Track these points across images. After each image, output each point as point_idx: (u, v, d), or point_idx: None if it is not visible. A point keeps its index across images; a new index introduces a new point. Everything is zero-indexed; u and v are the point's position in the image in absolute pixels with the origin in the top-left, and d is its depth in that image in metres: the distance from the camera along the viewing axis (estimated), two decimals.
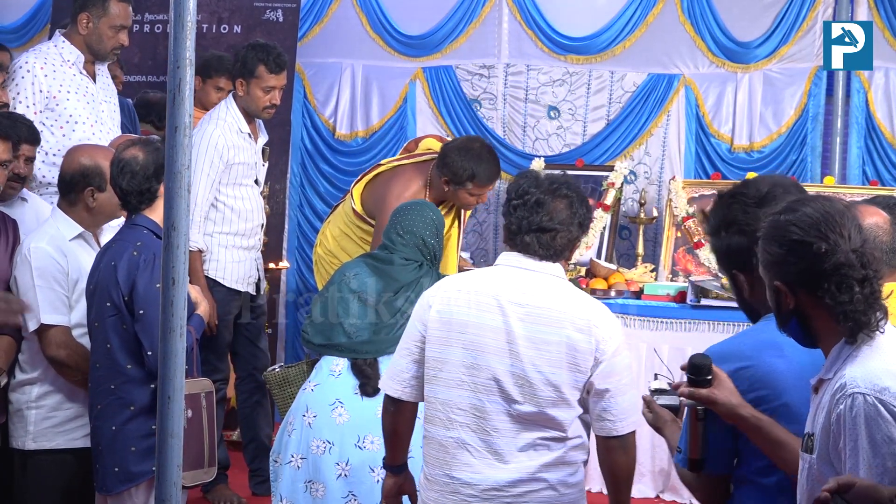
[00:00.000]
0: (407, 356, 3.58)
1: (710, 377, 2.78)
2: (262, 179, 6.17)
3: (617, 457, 3.53)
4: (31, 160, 4.82)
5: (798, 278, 2.60)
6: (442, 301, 3.52)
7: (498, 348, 3.44)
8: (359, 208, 5.82)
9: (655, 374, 3.28)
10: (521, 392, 3.42)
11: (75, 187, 4.42)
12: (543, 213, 3.49)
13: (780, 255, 2.62)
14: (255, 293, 6.12)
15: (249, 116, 5.97)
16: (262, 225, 6.15)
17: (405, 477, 3.78)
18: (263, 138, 6.14)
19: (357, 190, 5.87)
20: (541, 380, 3.41)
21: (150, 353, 4.06)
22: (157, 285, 4.01)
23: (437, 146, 5.94)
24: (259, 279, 6.16)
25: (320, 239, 6.07)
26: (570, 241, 3.53)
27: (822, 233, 2.57)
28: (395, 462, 3.76)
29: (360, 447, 4.51)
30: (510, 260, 3.55)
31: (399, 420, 3.66)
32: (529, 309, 3.45)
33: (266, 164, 6.23)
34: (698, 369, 2.79)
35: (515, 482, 3.44)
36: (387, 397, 3.65)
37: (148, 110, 6.75)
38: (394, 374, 3.62)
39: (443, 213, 5.85)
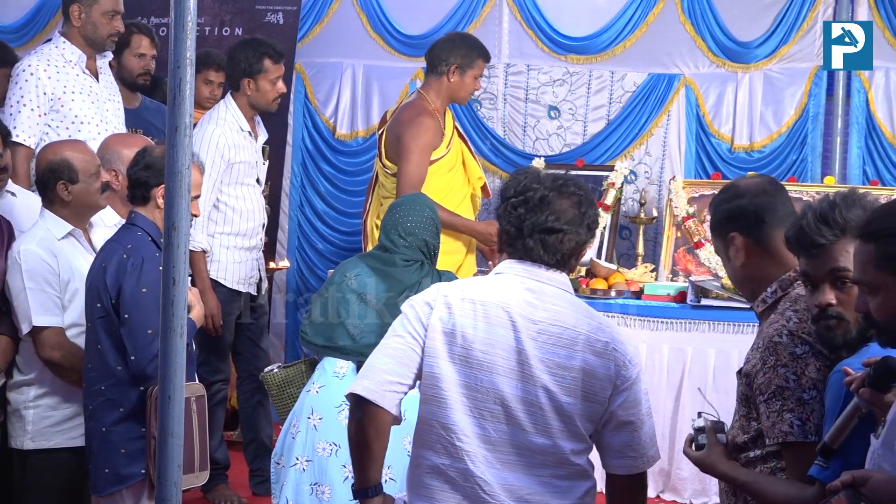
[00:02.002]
0: (395, 357, 3.02)
1: (893, 385, 2.62)
2: (263, 178, 6.18)
3: (638, 498, 3.21)
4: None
5: None
6: (443, 308, 3.03)
7: (508, 369, 2.99)
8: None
9: (699, 413, 3.14)
10: (533, 421, 2.99)
11: (48, 184, 4.43)
12: (549, 213, 3.05)
13: None
14: (255, 293, 6.12)
15: (250, 114, 5.99)
16: (264, 225, 6.15)
17: (385, 500, 3.15)
18: (263, 136, 6.15)
19: (381, 167, 6.01)
20: (552, 408, 2.99)
21: (133, 357, 4.05)
22: (144, 290, 4.03)
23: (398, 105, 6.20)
24: (260, 279, 6.16)
25: None
26: (579, 244, 3.10)
27: None
28: (369, 483, 3.11)
29: None
30: (514, 268, 3.10)
31: (370, 429, 3.03)
32: (543, 327, 3.02)
33: (266, 163, 6.24)
34: (888, 373, 2.60)
35: None
36: (353, 400, 3.05)
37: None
38: (370, 374, 3.02)
39: (446, 149, 5.95)
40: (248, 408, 6.17)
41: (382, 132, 6.11)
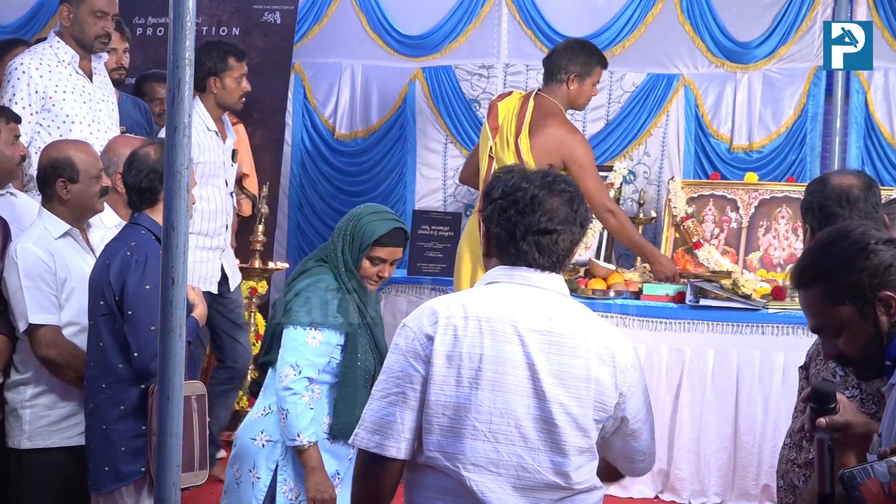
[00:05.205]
0: (400, 403, 2.88)
1: (834, 405, 2.64)
2: (231, 181, 6.23)
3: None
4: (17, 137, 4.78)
5: None
6: (445, 332, 2.87)
7: (520, 387, 2.86)
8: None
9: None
10: (546, 440, 2.87)
11: (48, 181, 4.45)
12: (541, 213, 2.92)
13: None
14: (215, 292, 6.10)
15: (217, 114, 6.13)
16: (227, 225, 6.18)
17: None
18: (232, 138, 6.25)
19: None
20: (569, 423, 2.87)
21: (136, 354, 4.07)
22: (147, 286, 4.04)
23: (518, 96, 6.10)
24: (224, 277, 6.16)
25: None
26: (573, 243, 2.98)
27: None
28: None
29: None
30: (509, 276, 2.97)
31: (387, 485, 2.92)
32: (550, 337, 2.89)
33: (235, 165, 6.30)
34: (825, 397, 2.64)
35: None
36: (369, 458, 2.91)
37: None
38: (382, 427, 2.88)
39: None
40: (211, 396, 6.16)
41: (523, 138, 5.94)
